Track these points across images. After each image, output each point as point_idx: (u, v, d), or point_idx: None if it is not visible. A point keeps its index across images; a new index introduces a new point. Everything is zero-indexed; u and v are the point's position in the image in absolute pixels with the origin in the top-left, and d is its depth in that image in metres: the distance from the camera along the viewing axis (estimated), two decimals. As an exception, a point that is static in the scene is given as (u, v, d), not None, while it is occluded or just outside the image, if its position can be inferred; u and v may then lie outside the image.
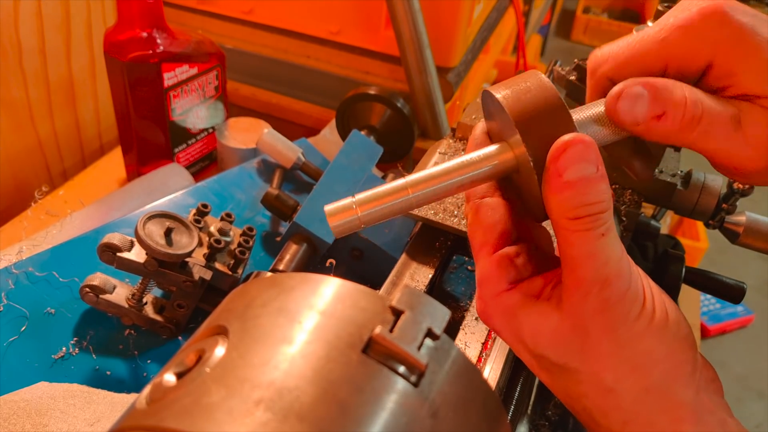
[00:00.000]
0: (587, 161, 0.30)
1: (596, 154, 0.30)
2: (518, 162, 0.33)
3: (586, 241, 0.30)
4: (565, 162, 0.30)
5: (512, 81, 0.33)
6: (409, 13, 0.85)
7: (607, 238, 0.30)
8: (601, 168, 0.30)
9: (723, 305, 2.05)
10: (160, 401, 0.21)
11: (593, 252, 0.30)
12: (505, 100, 0.32)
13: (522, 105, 0.31)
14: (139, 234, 0.55)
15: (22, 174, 0.89)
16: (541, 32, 2.61)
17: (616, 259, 0.31)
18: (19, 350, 0.57)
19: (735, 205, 0.63)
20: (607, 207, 0.30)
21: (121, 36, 0.77)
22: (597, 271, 0.30)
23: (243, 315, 0.24)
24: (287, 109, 1.07)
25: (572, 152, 0.30)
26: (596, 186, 0.30)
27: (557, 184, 0.30)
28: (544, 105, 0.31)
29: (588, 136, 0.30)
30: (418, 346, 0.23)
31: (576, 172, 0.30)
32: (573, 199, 0.30)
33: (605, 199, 0.30)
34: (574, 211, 0.30)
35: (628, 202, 0.63)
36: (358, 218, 0.33)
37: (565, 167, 0.30)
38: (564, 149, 0.30)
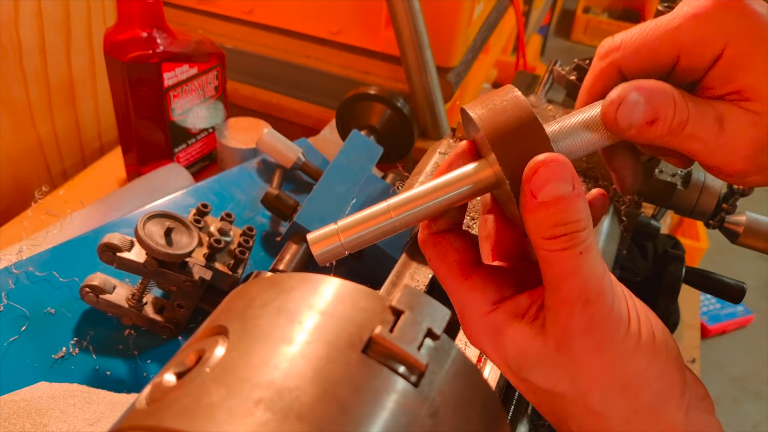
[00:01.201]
0: (562, 180, 0.29)
1: (571, 173, 0.30)
2: (497, 179, 0.33)
3: (565, 260, 0.30)
4: (538, 182, 0.29)
5: (488, 98, 0.33)
6: (409, 13, 0.85)
7: (586, 256, 0.30)
8: (577, 186, 0.30)
9: (723, 305, 2.05)
10: (160, 401, 0.21)
11: (573, 270, 0.30)
12: (481, 120, 0.32)
13: (496, 124, 0.31)
14: (139, 234, 0.55)
15: (22, 174, 0.89)
16: (541, 32, 2.61)
17: (598, 278, 0.30)
18: (19, 350, 0.57)
19: (735, 205, 0.63)
20: (585, 225, 0.30)
21: (121, 36, 0.77)
22: (578, 290, 0.30)
23: (243, 315, 0.24)
24: (287, 109, 1.07)
25: (546, 171, 0.29)
26: (572, 205, 0.29)
27: (532, 205, 0.30)
28: (519, 124, 0.31)
29: (562, 156, 0.30)
30: (418, 346, 0.23)
31: (550, 192, 0.29)
32: (549, 219, 0.29)
33: (582, 217, 0.30)
34: (551, 230, 0.30)
35: (628, 202, 0.63)
36: (341, 245, 0.33)
37: (539, 187, 0.29)
38: (536, 169, 0.30)
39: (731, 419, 1.77)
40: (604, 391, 0.30)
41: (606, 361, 0.30)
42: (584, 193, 0.30)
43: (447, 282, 0.35)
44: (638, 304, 0.32)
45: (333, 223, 0.33)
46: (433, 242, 0.35)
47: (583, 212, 0.30)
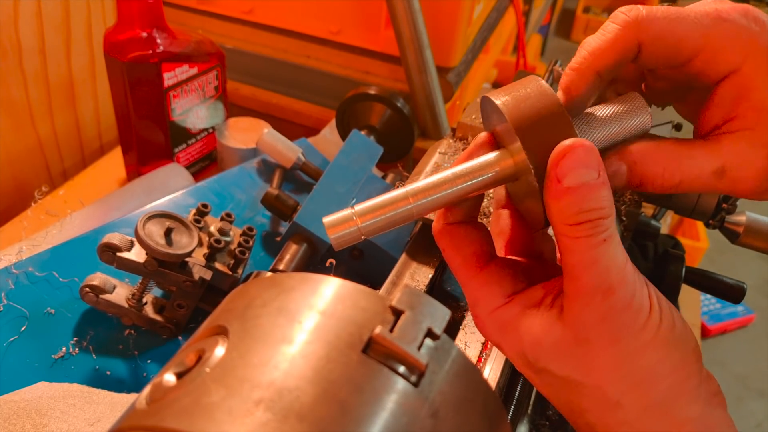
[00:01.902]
0: (588, 167, 0.29)
1: (597, 160, 0.30)
2: (517, 169, 0.33)
3: (587, 248, 0.29)
4: (565, 167, 0.29)
5: (512, 87, 0.33)
6: (409, 13, 0.85)
7: (609, 244, 0.30)
8: (602, 174, 0.30)
9: (723, 305, 2.05)
10: (160, 401, 0.21)
11: (595, 259, 0.29)
12: (505, 106, 0.31)
13: (521, 112, 0.31)
14: (139, 234, 0.55)
15: (22, 174, 0.89)
16: (541, 32, 2.61)
17: (620, 267, 0.30)
18: (19, 350, 0.57)
19: (735, 205, 0.63)
20: (609, 213, 0.30)
21: (121, 36, 0.77)
22: (599, 279, 0.29)
23: (243, 315, 0.24)
24: (287, 109, 1.07)
25: (572, 157, 0.29)
26: (597, 192, 0.29)
27: (557, 190, 0.30)
28: (545, 111, 0.31)
29: (589, 142, 0.30)
30: (418, 346, 0.23)
31: (576, 178, 0.29)
32: (573, 205, 0.29)
33: (606, 205, 0.30)
34: (575, 217, 0.29)
35: (628, 202, 0.63)
36: (358, 229, 0.32)
37: (565, 173, 0.29)
38: (564, 154, 0.29)
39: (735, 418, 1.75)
40: (621, 383, 0.30)
41: (620, 353, 0.30)
42: (608, 182, 0.30)
43: (461, 273, 0.35)
44: (660, 297, 0.32)
45: (349, 207, 0.32)
46: (449, 233, 0.35)
47: (608, 200, 0.30)
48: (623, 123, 0.34)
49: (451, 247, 0.34)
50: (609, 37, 0.33)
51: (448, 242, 0.35)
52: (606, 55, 0.33)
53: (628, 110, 0.34)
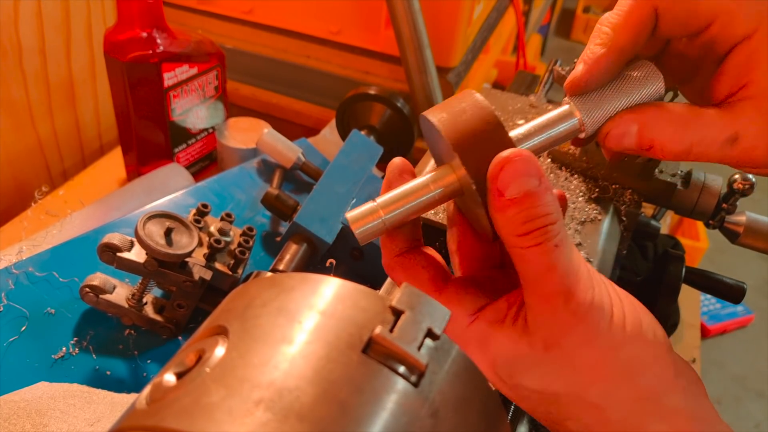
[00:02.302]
0: (528, 175, 0.29)
1: (536, 167, 0.29)
2: (461, 185, 0.33)
3: (540, 256, 0.29)
4: (505, 179, 0.29)
5: (448, 103, 0.33)
6: (409, 13, 0.85)
7: (561, 249, 0.29)
8: (544, 180, 0.29)
9: (723, 305, 2.05)
10: (160, 401, 0.21)
11: (550, 265, 0.29)
12: (441, 123, 0.31)
13: (458, 127, 0.31)
14: (139, 234, 0.55)
15: (22, 174, 0.89)
16: (541, 32, 2.61)
17: (576, 269, 0.29)
18: (19, 350, 0.57)
19: (735, 205, 0.63)
20: (556, 218, 0.29)
21: (121, 36, 0.77)
22: (558, 285, 0.29)
23: (243, 315, 0.24)
24: (287, 109, 1.07)
25: (511, 169, 0.29)
26: (541, 199, 0.29)
27: (501, 203, 0.29)
28: (481, 125, 0.31)
29: (526, 151, 0.30)
30: (418, 346, 0.23)
31: (518, 188, 0.29)
32: (519, 215, 0.29)
33: (553, 210, 0.29)
34: (522, 227, 0.29)
35: (628, 202, 0.63)
36: (382, 221, 0.32)
37: (505, 185, 0.29)
38: (502, 167, 0.29)
39: (734, 418, 1.76)
40: (602, 383, 0.30)
41: (598, 352, 0.29)
42: (551, 187, 0.30)
43: None
44: (620, 292, 0.32)
45: (371, 201, 0.33)
46: (400, 264, 0.34)
47: (553, 205, 0.29)
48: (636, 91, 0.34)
49: (407, 278, 0.34)
50: (626, 10, 0.33)
51: (401, 273, 0.34)
52: (627, 28, 0.33)
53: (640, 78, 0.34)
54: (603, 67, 0.33)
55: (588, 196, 0.63)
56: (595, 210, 0.61)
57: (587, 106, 0.34)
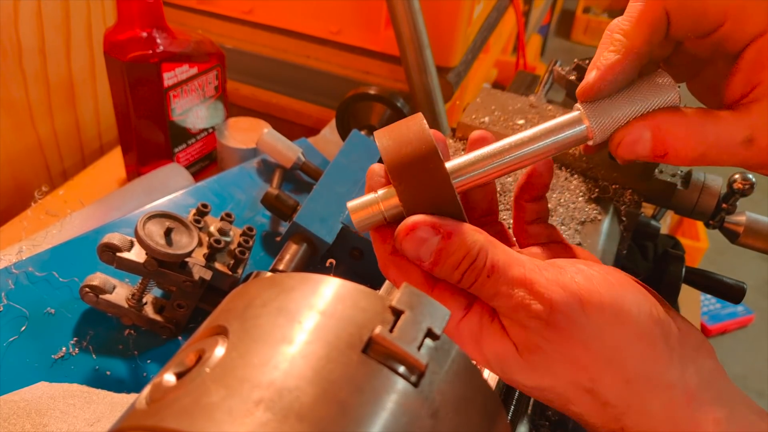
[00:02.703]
0: (424, 239, 0.31)
1: (431, 224, 0.31)
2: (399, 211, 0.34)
3: (482, 288, 0.31)
4: (411, 252, 0.32)
5: (397, 127, 0.35)
6: (409, 13, 0.85)
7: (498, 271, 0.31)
8: (443, 228, 0.31)
9: (723, 305, 2.05)
10: (159, 401, 0.21)
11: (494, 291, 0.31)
12: (385, 151, 0.33)
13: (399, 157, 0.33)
14: (139, 234, 0.55)
15: (22, 174, 0.89)
16: (541, 32, 2.61)
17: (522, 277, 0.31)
18: (19, 350, 0.57)
19: (735, 205, 0.63)
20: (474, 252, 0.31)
21: (121, 36, 0.77)
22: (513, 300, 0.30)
23: (243, 315, 0.24)
24: (287, 109, 1.07)
25: (409, 243, 0.32)
26: (451, 248, 0.31)
27: (426, 268, 0.32)
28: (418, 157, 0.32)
29: (416, 217, 0.32)
30: (418, 346, 0.23)
31: (427, 254, 0.32)
32: (446, 270, 0.32)
33: (469, 247, 0.31)
34: (455, 275, 0.31)
35: (628, 202, 0.63)
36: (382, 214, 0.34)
37: (417, 256, 0.32)
38: (401, 245, 0.32)
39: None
40: (590, 372, 0.30)
41: (578, 344, 0.30)
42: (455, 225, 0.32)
43: None
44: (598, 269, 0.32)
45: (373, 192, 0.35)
46: (395, 263, 0.35)
47: (466, 241, 0.31)
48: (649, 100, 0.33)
49: (401, 277, 0.35)
50: (636, 15, 0.33)
51: (396, 273, 0.35)
52: (640, 32, 0.33)
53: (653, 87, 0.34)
54: (618, 74, 0.33)
55: (588, 196, 0.63)
56: (595, 210, 0.61)
57: (597, 113, 0.34)
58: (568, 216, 0.60)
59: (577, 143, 0.35)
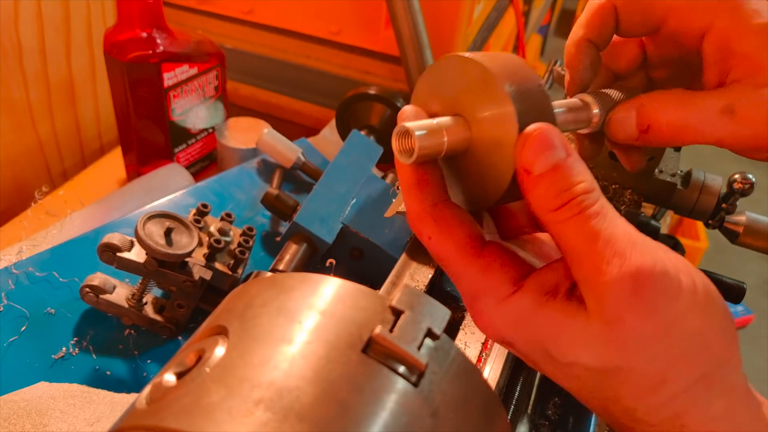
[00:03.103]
0: (552, 148, 0.28)
1: (560, 137, 0.28)
2: (471, 142, 0.30)
3: (581, 225, 0.27)
4: (529, 156, 0.28)
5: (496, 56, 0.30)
6: (409, 13, 0.85)
7: (603, 216, 0.27)
8: (570, 150, 0.28)
9: (723, 305, 2.04)
10: (160, 401, 0.21)
11: (594, 233, 0.27)
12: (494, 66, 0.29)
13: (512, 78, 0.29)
14: (139, 234, 0.55)
15: (22, 174, 0.89)
16: (540, 32, 2.61)
17: (626, 234, 0.27)
18: (19, 350, 0.57)
19: (735, 205, 0.63)
20: (591, 187, 0.28)
21: (121, 36, 0.77)
22: (609, 252, 0.27)
23: (243, 315, 0.24)
24: (287, 109, 1.07)
25: (534, 144, 0.28)
26: (570, 169, 0.28)
27: (529, 182, 0.28)
28: (531, 83, 0.30)
29: (546, 124, 0.28)
30: (418, 346, 0.23)
31: (544, 163, 0.28)
32: (550, 190, 0.28)
33: (586, 179, 0.28)
34: (555, 200, 0.27)
35: (628, 202, 0.63)
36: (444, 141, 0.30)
37: (531, 162, 0.28)
38: (524, 143, 0.28)
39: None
40: (663, 358, 0.27)
41: (661, 324, 0.27)
42: (579, 157, 0.29)
43: (456, 263, 0.30)
44: (678, 255, 0.29)
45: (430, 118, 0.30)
46: (434, 216, 0.30)
47: (585, 174, 0.28)
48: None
49: (440, 233, 0.30)
50: (589, 8, 0.37)
51: (433, 228, 0.30)
52: (590, 23, 0.37)
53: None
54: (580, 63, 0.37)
55: (588, 196, 0.62)
56: (595, 210, 0.61)
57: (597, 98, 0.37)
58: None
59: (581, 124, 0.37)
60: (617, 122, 0.36)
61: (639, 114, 0.35)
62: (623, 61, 0.40)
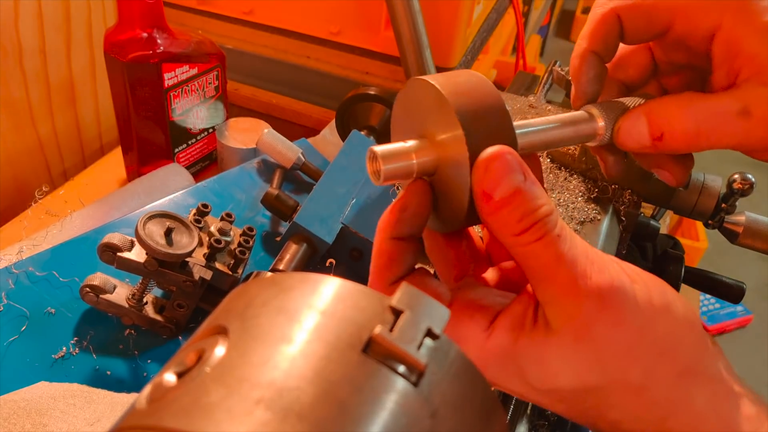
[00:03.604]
0: (513, 172, 0.28)
1: (519, 161, 0.28)
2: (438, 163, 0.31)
3: (545, 248, 0.28)
4: (490, 181, 0.28)
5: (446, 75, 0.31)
6: (409, 14, 0.85)
7: (564, 237, 0.28)
8: (529, 174, 0.28)
9: (722, 305, 2.05)
10: (159, 401, 0.21)
11: (558, 255, 0.28)
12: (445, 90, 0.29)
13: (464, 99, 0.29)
14: (139, 234, 0.55)
15: (22, 174, 0.89)
16: (540, 33, 2.61)
17: (585, 253, 0.28)
18: (19, 350, 0.57)
19: (734, 205, 0.63)
20: (550, 210, 0.28)
21: (121, 36, 0.77)
22: (571, 272, 0.28)
23: (243, 314, 0.24)
24: (287, 109, 1.07)
25: (495, 168, 0.28)
26: (531, 192, 0.28)
27: (491, 207, 0.28)
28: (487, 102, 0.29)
29: (501, 147, 0.28)
30: (418, 346, 0.23)
31: (504, 188, 0.28)
32: (513, 214, 0.28)
33: (546, 201, 0.28)
34: (519, 225, 0.28)
35: (627, 202, 0.63)
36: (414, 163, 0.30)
37: (492, 186, 0.28)
38: (485, 168, 0.28)
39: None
40: (641, 363, 0.28)
41: (632, 332, 0.28)
42: (537, 181, 0.29)
43: None
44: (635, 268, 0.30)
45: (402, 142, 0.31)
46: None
47: (543, 197, 0.29)
48: None
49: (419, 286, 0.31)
50: (593, 19, 0.36)
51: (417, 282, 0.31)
52: (594, 33, 0.36)
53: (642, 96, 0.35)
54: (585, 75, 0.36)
55: (587, 196, 0.63)
56: (595, 210, 0.61)
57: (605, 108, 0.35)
58: (568, 216, 0.60)
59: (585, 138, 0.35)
60: (626, 130, 0.35)
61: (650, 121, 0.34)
62: (633, 71, 0.39)
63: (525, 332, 0.29)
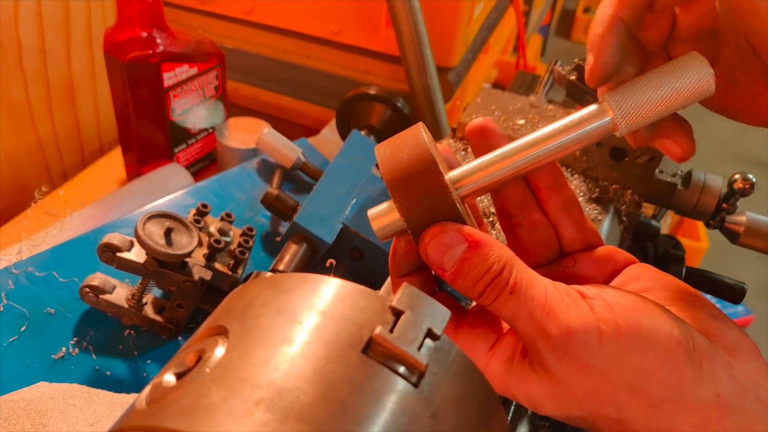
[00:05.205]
0: (451, 246, 0.30)
1: (455, 233, 0.31)
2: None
3: (505, 303, 0.30)
4: (436, 259, 0.31)
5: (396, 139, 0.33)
6: (409, 13, 0.85)
7: (519, 288, 0.30)
8: (471, 237, 0.30)
9: (722, 306, 2.04)
10: (159, 401, 0.21)
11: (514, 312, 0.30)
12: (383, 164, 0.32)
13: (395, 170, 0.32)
14: (138, 234, 0.55)
15: (22, 174, 0.89)
16: (541, 32, 2.61)
17: (540, 300, 0.30)
18: (19, 350, 0.57)
19: (735, 205, 0.63)
20: (501, 263, 0.30)
21: (121, 36, 0.77)
22: (531, 326, 0.29)
23: (243, 315, 0.24)
24: (287, 109, 1.07)
25: (434, 248, 0.31)
26: (477, 257, 0.30)
27: (447, 278, 0.31)
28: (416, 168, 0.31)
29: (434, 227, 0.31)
30: (418, 347, 0.23)
31: (451, 262, 0.30)
32: (467, 280, 0.30)
33: (494, 260, 0.30)
34: (476, 288, 0.30)
35: (628, 202, 0.63)
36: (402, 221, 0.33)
37: (440, 263, 0.31)
38: (425, 253, 0.31)
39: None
40: (613, 401, 0.29)
41: (596, 373, 0.29)
42: (482, 236, 0.31)
43: None
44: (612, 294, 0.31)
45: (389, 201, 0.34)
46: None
47: (493, 250, 0.30)
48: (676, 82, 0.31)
49: None
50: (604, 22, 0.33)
51: None
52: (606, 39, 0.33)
53: (681, 68, 0.31)
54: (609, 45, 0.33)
55: (588, 196, 0.63)
56: (596, 210, 0.61)
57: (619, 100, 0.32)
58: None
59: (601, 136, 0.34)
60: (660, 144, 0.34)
61: None
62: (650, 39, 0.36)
63: (514, 366, 0.32)
